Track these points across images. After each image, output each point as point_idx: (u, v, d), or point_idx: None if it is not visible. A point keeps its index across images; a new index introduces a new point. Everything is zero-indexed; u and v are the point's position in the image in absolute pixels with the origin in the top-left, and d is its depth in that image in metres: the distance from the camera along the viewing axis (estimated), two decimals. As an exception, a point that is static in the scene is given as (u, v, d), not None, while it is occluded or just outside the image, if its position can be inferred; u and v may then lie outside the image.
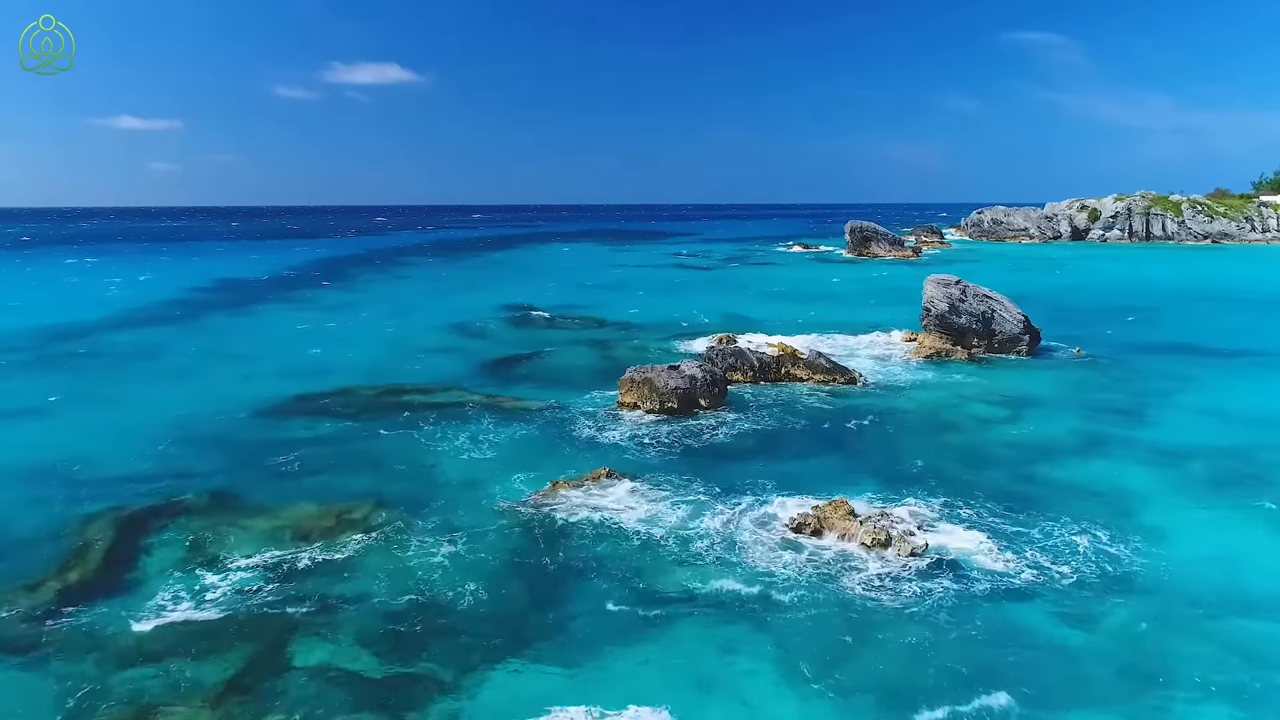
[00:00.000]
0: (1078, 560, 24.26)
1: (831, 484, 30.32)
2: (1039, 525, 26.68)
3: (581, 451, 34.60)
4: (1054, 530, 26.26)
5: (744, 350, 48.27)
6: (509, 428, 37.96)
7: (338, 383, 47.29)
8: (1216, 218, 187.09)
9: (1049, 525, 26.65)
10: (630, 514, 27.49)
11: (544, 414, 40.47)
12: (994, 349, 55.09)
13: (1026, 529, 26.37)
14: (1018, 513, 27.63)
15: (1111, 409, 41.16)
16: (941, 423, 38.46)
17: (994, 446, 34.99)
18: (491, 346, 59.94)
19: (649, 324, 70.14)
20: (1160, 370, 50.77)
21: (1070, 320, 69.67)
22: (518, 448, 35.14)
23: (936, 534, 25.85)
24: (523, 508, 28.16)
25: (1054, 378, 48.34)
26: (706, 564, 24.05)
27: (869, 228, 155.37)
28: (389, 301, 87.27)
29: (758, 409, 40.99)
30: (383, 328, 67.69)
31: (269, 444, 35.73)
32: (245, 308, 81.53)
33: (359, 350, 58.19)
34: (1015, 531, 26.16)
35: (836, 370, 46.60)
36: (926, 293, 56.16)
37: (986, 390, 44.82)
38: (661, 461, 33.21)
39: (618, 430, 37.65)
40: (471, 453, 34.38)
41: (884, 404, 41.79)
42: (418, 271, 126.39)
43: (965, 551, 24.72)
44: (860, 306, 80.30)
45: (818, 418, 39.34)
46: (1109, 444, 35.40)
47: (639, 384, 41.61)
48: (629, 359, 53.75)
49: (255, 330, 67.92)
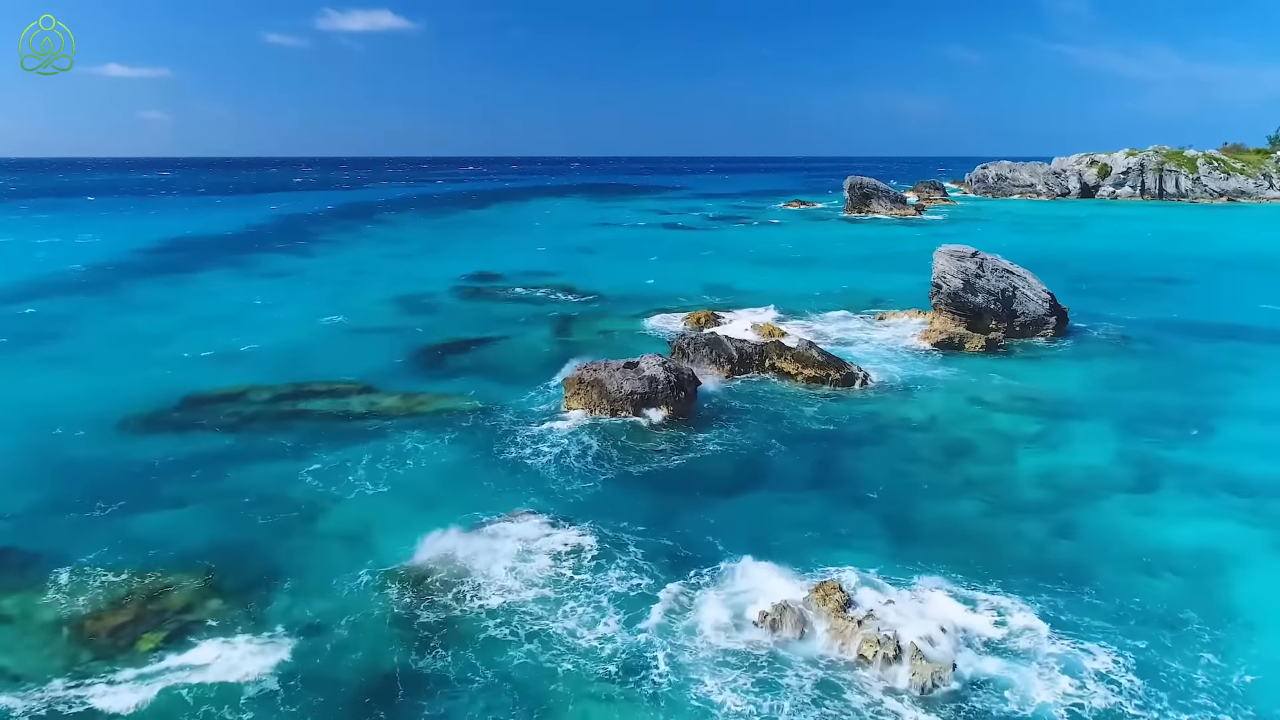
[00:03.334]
0: (1171, 678, 17.06)
1: (820, 543, 23.09)
2: (1100, 615, 19.48)
3: (503, 482, 27.23)
4: (1121, 626, 19.03)
5: (721, 338, 40.65)
6: (424, 445, 30.57)
7: (239, 379, 39.72)
8: (1233, 174, 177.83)
9: (1114, 616, 19.43)
10: (539, 599, 20.18)
11: (472, 422, 33.07)
12: (1015, 332, 47.51)
13: (1082, 621, 19.15)
14: (1067, 593, 20.40)
15: (1162, 418, 33.79)
16: (959, 445, 31.04)
17: (1027, 483, 27.58)
18: (437, 326, 52.24)
19: (621, 296, 62.33)
20: (1209, 360, 43.31)
21: (1095, 293, 61.95)
22: (426, 476, 27.78)
23: (965, 635, 18.60)
24: (398, 585, 20.81)
25: (1088, 373, 40.82)
26: (632, 701, 16.77)
27: (868, 184, 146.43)
28: (340, 268, 79.18)
29: (732, 419, 33.53)
30: (320, 303, 59.82)
31: (108, 470, 28.34)
32: (179, 275, 73.42)
33: (282, 333, 50.47)
34: (1068, 627, 18.94)
35: (830, 364, 39.05)
36: (937, 266, 48.38)
37: (1010, 392, 37.32)
38: (599, 499, 25.85)
39: (555, 447, 30.22)
40: (365, 486, 27.01)
41: (888, 414, 34.34)
42: (385, 231, 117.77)
43: (1006, 669, 17.49)
44: (860, 275, 72.43)
45: (805, 436, 31.91)
46: (1168, 475, 28.05)
47: (588, 385, 34.10)
48: (588, 345, 46.16)
49: (177, 305, 60.02)
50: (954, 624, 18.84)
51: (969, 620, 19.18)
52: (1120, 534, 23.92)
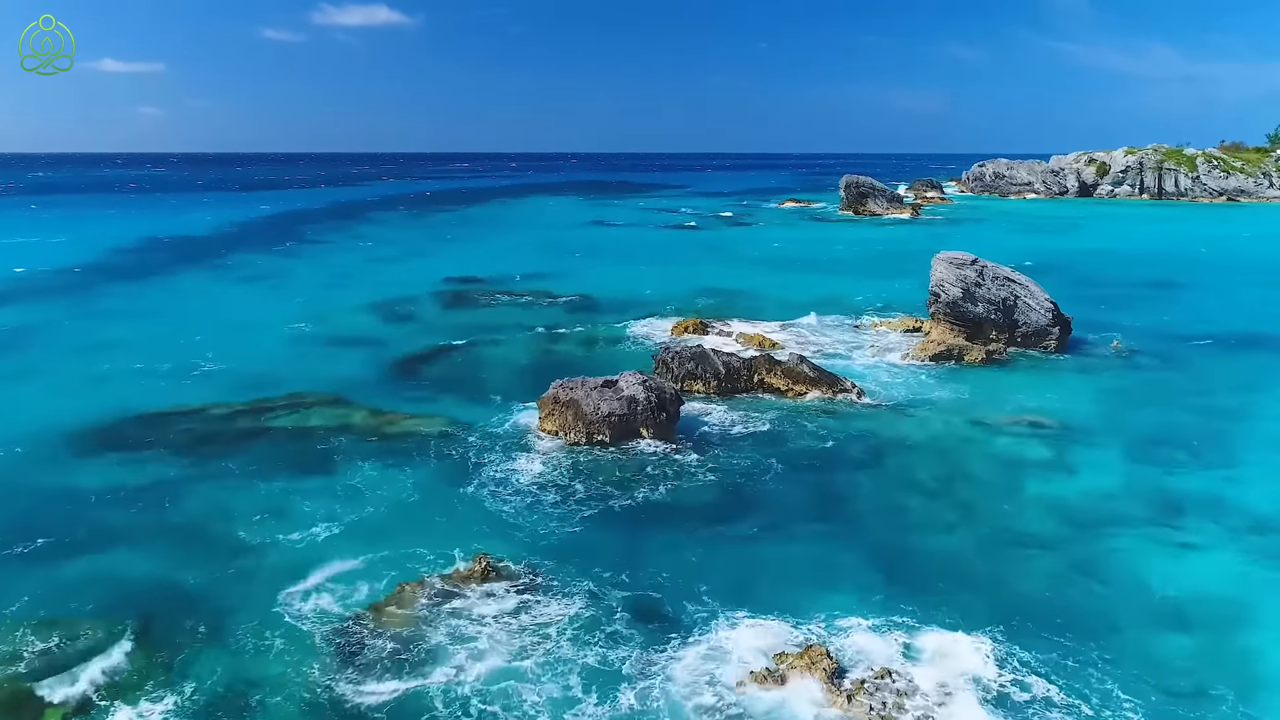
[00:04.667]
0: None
1: (810, 588, 21.03)
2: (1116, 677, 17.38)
3: (466, 521, 25.07)
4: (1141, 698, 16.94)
5: (707, 352, 38.52)
6: (385, 475, 28.44)
7: (198, 395, 37.56)
8: (1233, 173, 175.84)
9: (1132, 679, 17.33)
10: (497, 675, 18.04)
11: (440, 446, 30.93)
12: (1016, 343, 45.42)
13: (1093, 685, 17.05)
14: (1078, 649, 18.32)
15: (1176, 441, 31.75)
16: (959, 472, 28.94)
17: (1033, 516, 25.49)
18: (415, 335, 50.04)
19: (609, 302, 60.19)
20: (1222, 374, 41.26)
21: (1098, 299, 59.90)
22: (383, 515, 25.60)
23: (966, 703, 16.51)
24: (338, 651, 18.63)
25: (1094, 389, 38.72)
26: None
27: (865, 183, 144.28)
28: (322, 270, 76.89)
29: (717, 443, 31.42)
30: (295, 309, 57.56)
31: (37, 500, 26.18)
32: (152, 279, 71.06)
33: (252, 343, 48.25)
34: (1078, 692, 16.85)
35: (823, 380, 36.94)
36: (935, 274, 46.28)
37: (1014, 410, 35.21)
38: (569, 543, 23.69)
39: (524, 476, 28.09)
40: (316, 525, 24.79)
41: (883, 437, 32.23)
42: (373, 231, 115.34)
43: (1014, 755, 15.41)
44: (855, 279, 70.33)
45: (795, 462, 29.77)
46: (1185, 510, 26.00)
47: (563, 406, 31.96)
48: (569, 357, 44.06)
49: (144, 312, 57.70)
50: (955, 688, 16.76)
51: (971, 687, 17.09)
52: (1136, 578, 21.86)
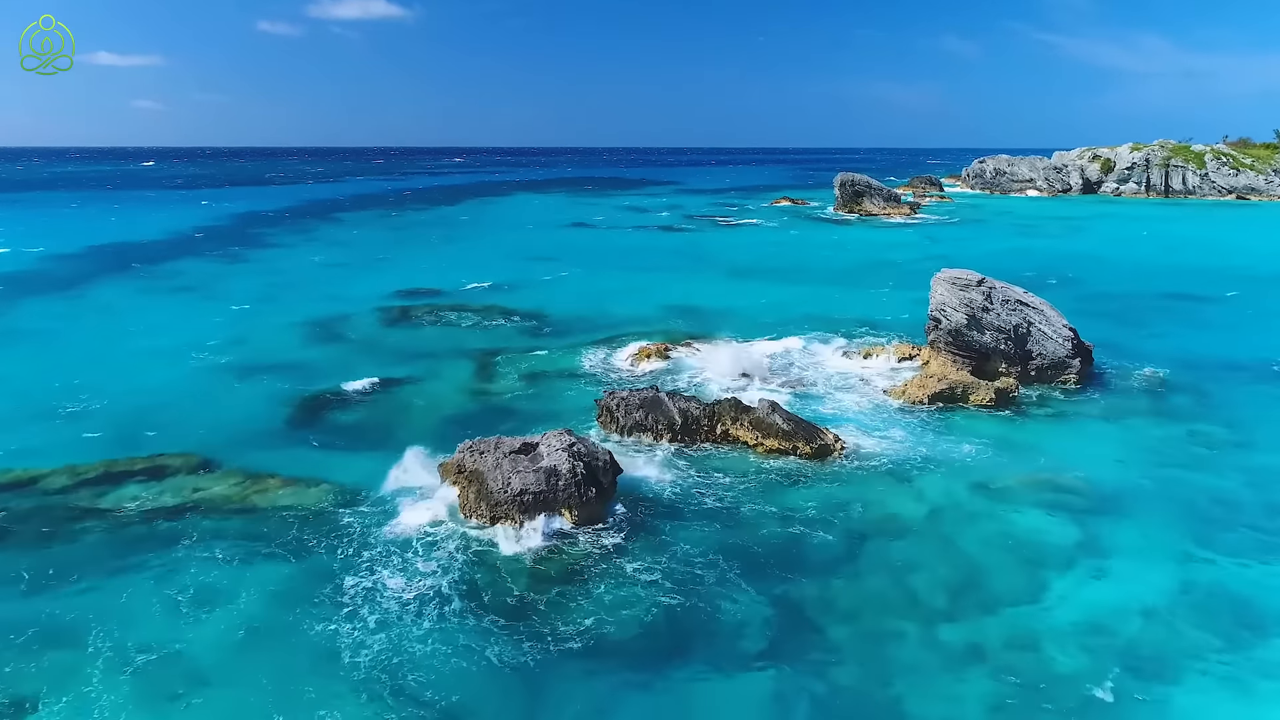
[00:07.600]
0: None
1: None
2: None
3: (311, 664, 18.43)
4: None
5: (661, 398, 31.85)
6: (230, 574, 21.91)
7: (36, 457, 30.56)
8: (1243, 170, 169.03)
9: None
10: None
11: (302, 531, 24.36)
12: (1030, 377, 38.77)
13: None
14: None
15: (1236, 514, 25.26)
16: (964, 565, 22.32)
17: (1060, 636, 18.90)
18: (333, 366, 43.19)
19: (567, 321, 53.51)
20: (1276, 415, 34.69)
21: (1117, 317, 53.37)
22: (208, 643, 19.06)
23: None
24: None
25: (1127, 441, 32.05)
26: None
27: (860, 181, 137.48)
28: (262, 279, 70.04)
29: (660, 525, 24.75)
30: (209, 331, 50.72)
31: None
32: (61, 293, 63.78)
33: (142, 376, 41.42)
34: None
35: (798, 433, 30.29)
36: (935, 296, 39.65)
37: (1031, 473, 28.55)
38: (436, 700, 17.08)
39: (397, 586, 21.40)
40: (120, 657, 18.30)
41: (869, 512, 25.59)
42: (335, 233, 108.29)
43: None
44: (845, 291, 63.69)
45: (755, 553, 23.14)
46: (1263, 626, 19.47)
47: (466, 478, 25.33)
48: (503, 397, 37.45)
49: (31, 335, 50.70)
50: None
51: None
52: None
